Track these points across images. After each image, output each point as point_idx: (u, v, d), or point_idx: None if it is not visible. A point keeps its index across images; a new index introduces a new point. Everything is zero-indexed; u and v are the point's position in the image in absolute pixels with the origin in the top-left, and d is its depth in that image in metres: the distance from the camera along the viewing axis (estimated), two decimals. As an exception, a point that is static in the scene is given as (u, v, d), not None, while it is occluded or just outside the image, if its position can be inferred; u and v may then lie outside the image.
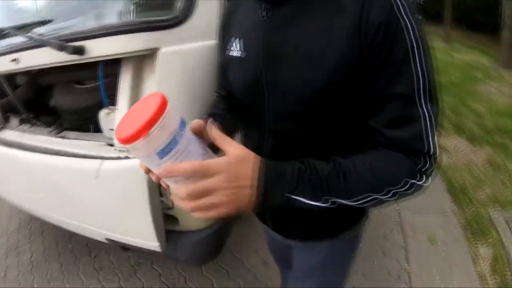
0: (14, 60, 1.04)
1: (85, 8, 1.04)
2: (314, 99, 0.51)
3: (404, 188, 0.48)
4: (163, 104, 0.39)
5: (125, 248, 1.23)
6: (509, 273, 1.59)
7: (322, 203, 0.47)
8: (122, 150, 1.02)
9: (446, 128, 3.14)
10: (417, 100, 0.47)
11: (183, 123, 0.42)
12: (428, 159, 0.49)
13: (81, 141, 1.11)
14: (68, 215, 1.24)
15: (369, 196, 0.48)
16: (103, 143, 1.08)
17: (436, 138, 0.49)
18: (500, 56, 5.56)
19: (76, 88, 1.21)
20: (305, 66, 0.50)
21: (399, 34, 0.45)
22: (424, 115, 0.47)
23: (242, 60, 0.59)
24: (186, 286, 1.58)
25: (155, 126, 0.37)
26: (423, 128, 0.47)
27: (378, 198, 0.48)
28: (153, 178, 0.46)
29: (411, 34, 0.45)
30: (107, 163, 0.97)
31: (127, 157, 1.00)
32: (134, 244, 1.13)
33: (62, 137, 1.15)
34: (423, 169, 0.49)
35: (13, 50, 1.04)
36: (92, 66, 1.00)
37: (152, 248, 1.08)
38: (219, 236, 1.27)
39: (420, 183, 0.49)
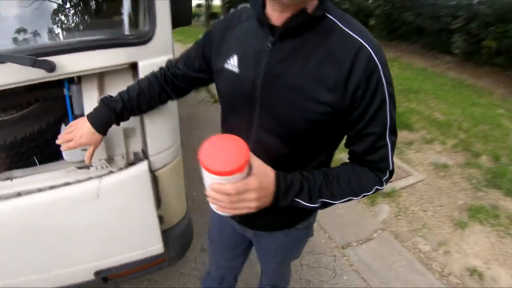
0: None
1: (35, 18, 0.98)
2: (300, 125, 0.64)
3: (372, 192, 0.69)
4: (248, 149, 0.55)
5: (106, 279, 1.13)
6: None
7: (315, 204, 0.65)
8: (104, 166, 1.00)
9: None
10: (385, 134, 0.64)
11: None
12: (388, 173, 0.69)
13: (45, 173, 1.00)
14: (46, 267, 1.04)
15: (349, 199, 0.68)
16: (72, 167, 1.02)
17: (393, 158, 0.68)
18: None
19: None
20: (297, 97, 0.61)
21: (378, 91, 0.60)
22: (388, 144, 0.65)
23: (237, 76, 0.69)
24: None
25: (247, 167, 0.55)
26: (388, 153, 0.66)
27: (354, 199, 0.69)
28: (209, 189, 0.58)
29: (385, 90, 0.60)
30: (106, 179, 0.94)
31: (111, 172, 0.99)
32: (134, 259, 1.08)
33: (12, 178, 0.99)
34: (384, 179, 0.69)
35: None
36: (12, 91, 0.90)
37: (156, 252, 1.09)
38: (191, 225, 1.38)
39: (381, 188, 0.70)
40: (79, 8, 1.03)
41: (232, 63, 0.70)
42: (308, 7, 0.58)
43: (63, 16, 1.00)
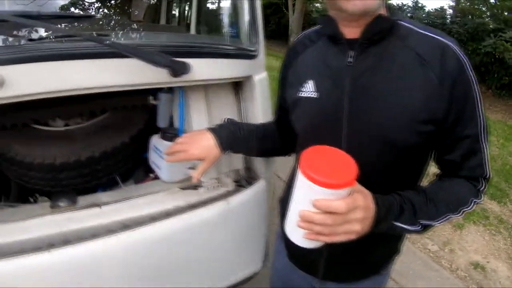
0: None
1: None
2: (400, 141, 0.58)
3: (470, 207, 0.61)
4: (355, 164, 0.48)
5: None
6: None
7: (416, 227, 0.58)
8: (215, 187, 0.91)
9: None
10: (480, 137, 0.59)
11: None
12: (484, 182, 0.62)
13: (140, 197, 0.84)
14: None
15: (447, 216, 0.60)
16: (175, 188, 0.89)
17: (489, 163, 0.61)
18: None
19: (55, 132, 0.87)
20: (393, 108, 0.56)
21: (470, 88, 0.56)
22: (484, 148, 0.59)
23: (316, 101, 0.63)
24: None
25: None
26: (484, 157, 0.60)
27: (452, 217, 0.60)
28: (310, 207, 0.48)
29: (475, 86, 0.57)
30: (232, 200, 0.85)
31: (228, 192, 0.91)
32: (242, 278, 0.97)
33: (100, 205, 0.80)
34: (482, 189, 0.62)
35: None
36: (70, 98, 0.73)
37: (256, 270, 1.01)
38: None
39: (479, 200, 0.61)
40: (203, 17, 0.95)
41: (309, 89, 0.65)
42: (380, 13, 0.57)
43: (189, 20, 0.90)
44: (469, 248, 2.38)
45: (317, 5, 11.99)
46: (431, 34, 0.57)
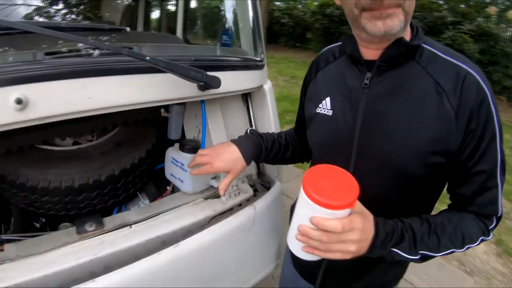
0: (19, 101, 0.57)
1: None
2: (408, 170, 0.56)
3: (476, 244, 0.58)
4: (357, 182, 0.50)
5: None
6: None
7: (415, 257, 0.56)
8: (236, 193, 0.95)
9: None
10: (496, 173, 0.56)
11: None
12: (496, 220, 0.59)
13: (168, 213, 0.84)
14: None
15: (451, 250, 0.58)
16: (199, 199, 0.90)
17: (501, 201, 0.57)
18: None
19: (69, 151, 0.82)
20: (405, 138, 0.55)
21: (489, 122, 0.53)
22: (498, 185, 0.56)
23: (331, 119, 0.64)
24: None
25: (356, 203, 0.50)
26: (498, 194, 0.57)
27: (456, 251, 0.58)
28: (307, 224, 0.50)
29: (496, 120, 0.53)
30: (258, 205, 0.89)
31: (248, 197, 0.96)
32: (260, 279, 1.02)
33: (130, 224, 0.77)
34: (491, 228, 0.59)
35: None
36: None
37: (273, 269, 1.08)
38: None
39: (487, 238, 0.59)
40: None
41: (325, 106, 0.66)
42: (404, 36, 0.56)
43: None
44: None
45: (278, 3, 11.87)
46: (454, 61, 0.55)
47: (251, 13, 1.03)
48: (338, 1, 0.59)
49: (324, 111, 0.65)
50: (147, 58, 0.64)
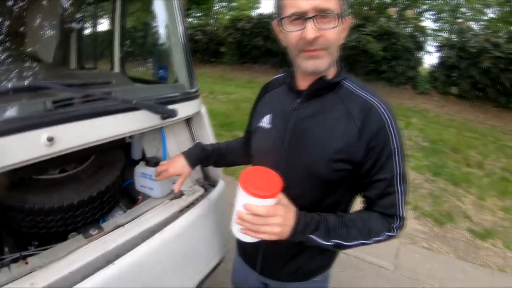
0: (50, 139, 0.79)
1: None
2: (322, 176, 0.74)
3: (382, 238, 0.75)
4: (281, 181, 0.67)
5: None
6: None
7: (328, 243, 0.72)
8: (193, 192, 1.30)
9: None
10: (395, 181, 0.73)
11: None
12: (399, 219, 0.76)
13: (148, 212, 1.12)
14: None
15: (360, 241, 0.74)
16: (166, 201, 1.21)
17: (406, 205, 0.75)
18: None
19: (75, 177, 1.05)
20: (320, 150, 0.74)
21: (387, 143, 0.71)
22: (398, 192, 0.74)
23: (268, 131, 0.84)
24: None
25: (278, 196, 0.67)
26: (398, 199, 0.74)
27: (365, 243, 0.74)
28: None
29: (395, 142, 0.71)
30: (210, 197, 1.25)
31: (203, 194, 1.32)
32: (215, 265, 1.34)
33: (123, 224, 1.03)
34: (395, 226, 0.76)
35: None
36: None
37: (226, 249, 1.42)
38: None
39: (392, 234, 0.76)
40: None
41: (266, 121, 0.85)
42: (328, 75, 0.75)
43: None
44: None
45: (191, 19, 11.99)
46: (364, 95, 0.74)
47: (184, 53, 1.38)
48: (283, 43, 0.78)
49: (265, 124, 0.85)
50: (134, 102, 0.95)
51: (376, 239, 0.75)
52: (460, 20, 12.68)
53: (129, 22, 1.79)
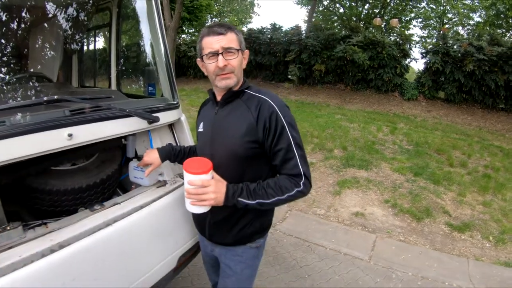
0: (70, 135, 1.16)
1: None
2: (239, 155, 1.09)
3: (294, 193, 1.06)
4: (211, 164, 1.02)
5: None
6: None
7: (253, 202, 1.05)
8: (175, 182, 1.65)
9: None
10: (292, 148, 1.06)
11: None
12: (303, 177, 1.07)
13: (138, 195, 1.48)
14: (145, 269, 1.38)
15: (276, 198, 1.05)
16: (153, 188, 1.57)
17: (306, 166, 1.08)
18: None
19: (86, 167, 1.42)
20: (230, 138, 1.10)
21: (278, 122, 1.06)
22: (296, 156, 1.06)
23: (203, 133, 1.24)
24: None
25: (210, 173, 1.01)
26: (297, 162, 1.06)
27: (281, 198, 1.06)
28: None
29: (284, 120, 1.06)
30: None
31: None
32: (189, 247, 1.64)
33: (120, 203, 1.37)
34: (303, 182, 1.07)
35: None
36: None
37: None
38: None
39: (301, 189, 1.07)
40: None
41: (201, 127, 1.25)
42: (235, 87, 1.13)
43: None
44: (349, 204, 3.48)
45: (184, 36, 12.54)
46: (259, 95, 1.11)
47: (167, 72, 1.76)
48: (205, 72, 1.16)
49: (200, 129, 1.26)
50: (127, 110, 1.33)
51: (289, 194, 1.06)
52: (446, 26, 13.23)
53: (122, 49, 2.24)
